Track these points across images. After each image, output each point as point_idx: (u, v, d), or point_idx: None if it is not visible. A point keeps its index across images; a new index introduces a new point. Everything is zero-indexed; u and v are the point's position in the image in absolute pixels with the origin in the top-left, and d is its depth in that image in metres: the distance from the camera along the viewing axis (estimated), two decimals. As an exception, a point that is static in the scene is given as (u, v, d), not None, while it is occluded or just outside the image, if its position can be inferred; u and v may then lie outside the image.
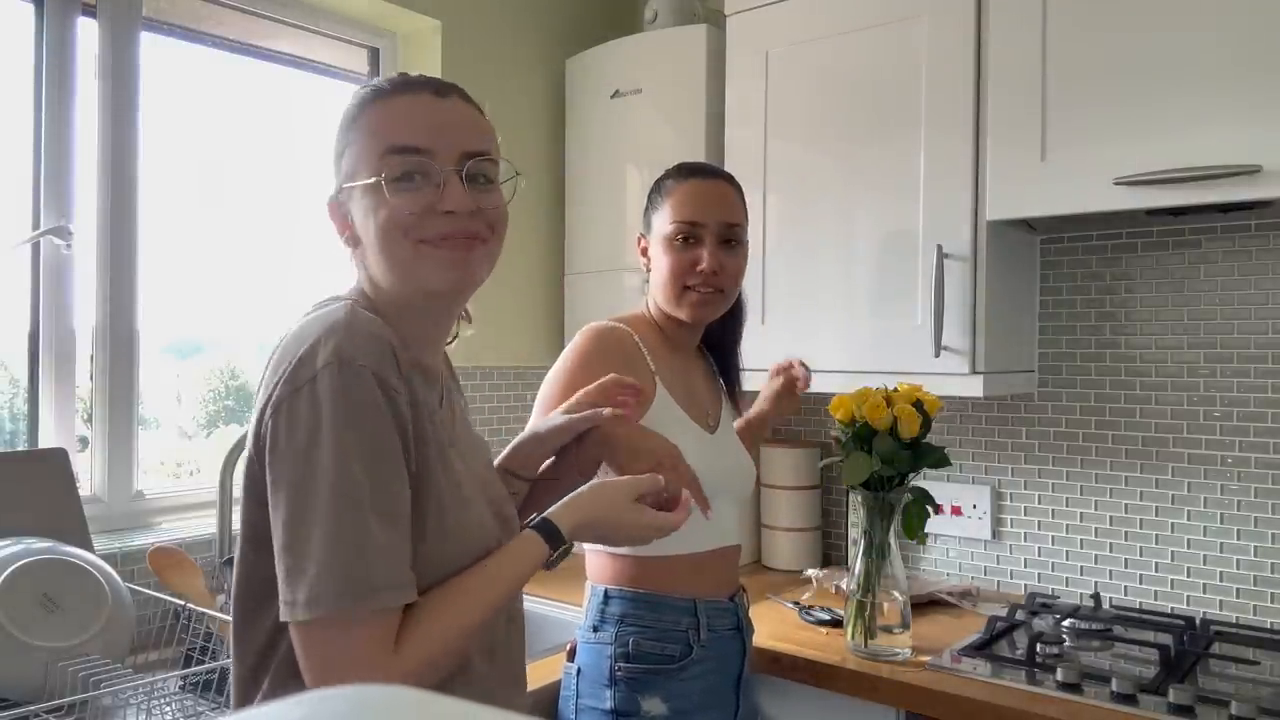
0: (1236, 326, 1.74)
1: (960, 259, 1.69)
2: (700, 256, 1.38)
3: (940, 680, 1.42)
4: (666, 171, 1.46)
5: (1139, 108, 1.50)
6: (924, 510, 1.53)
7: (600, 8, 2.48)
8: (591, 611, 1.37)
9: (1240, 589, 1.73)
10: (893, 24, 1.77)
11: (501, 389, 2.24)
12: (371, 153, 0.89)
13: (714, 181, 1.43)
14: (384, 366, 0.83)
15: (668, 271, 1.39)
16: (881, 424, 1.49)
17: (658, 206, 1.43)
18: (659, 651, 1.32)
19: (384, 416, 0.82)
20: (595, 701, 1.33)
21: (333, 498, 0.79)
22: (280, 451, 0.81)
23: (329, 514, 0.79)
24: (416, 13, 2.06)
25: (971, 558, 2.03)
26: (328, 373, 0.81)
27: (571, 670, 1.37)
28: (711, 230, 1.39)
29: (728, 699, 1.39)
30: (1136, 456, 1.84)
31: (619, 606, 1.34)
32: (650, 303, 1.47)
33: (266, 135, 1.99)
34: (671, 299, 1.41)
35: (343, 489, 0.79)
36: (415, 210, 0.88)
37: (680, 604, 1.35)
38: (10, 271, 1.61)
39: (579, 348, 1.36)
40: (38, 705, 1.15)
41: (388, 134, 0.90)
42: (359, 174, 0.90)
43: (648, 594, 1.34)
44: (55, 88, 1.63)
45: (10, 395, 1.66)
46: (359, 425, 0.81)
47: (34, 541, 1.32)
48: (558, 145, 2.35)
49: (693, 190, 1.40)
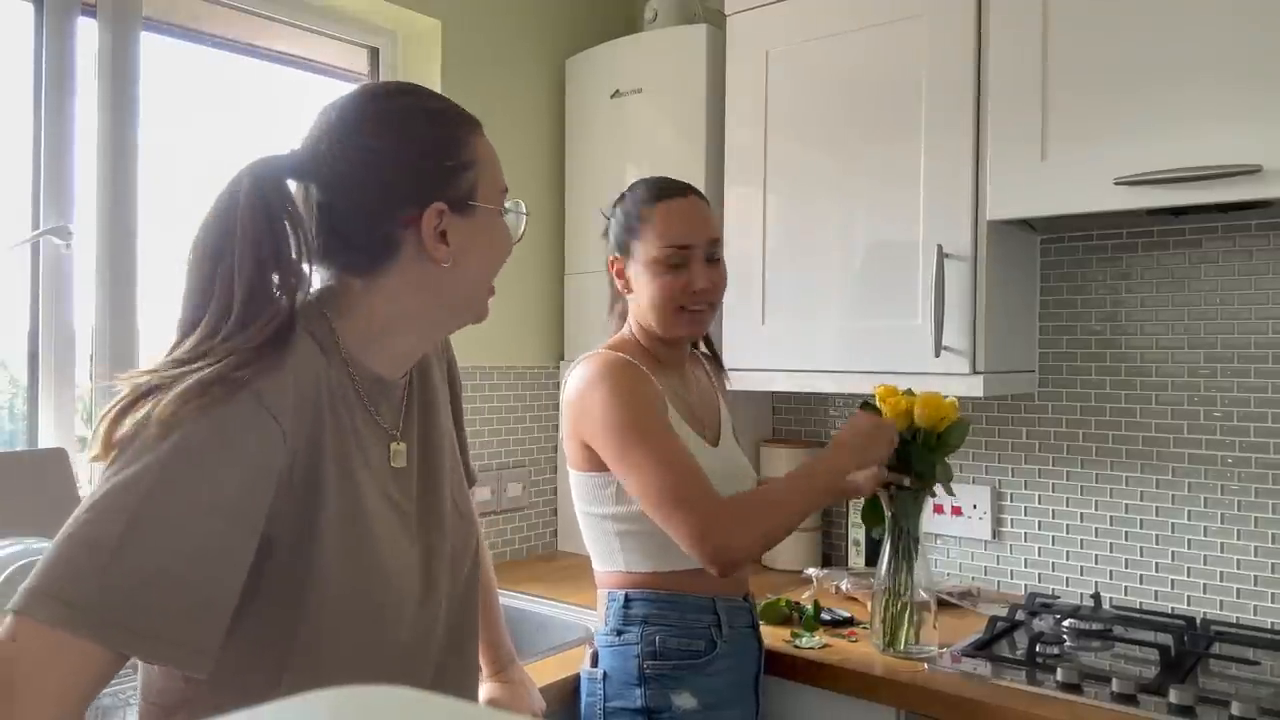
0: (1237, 326, 1.74)
1: (960, 259, 1.69)
2: (693, 277, 1.39)
3: (940, 680, 1.42)
4: (634, 193, 1.45)
5: (1139, 107, 1.50)
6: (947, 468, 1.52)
7: (600, 8, 2.48)
8: (612, 617, 1.39)
9: (1240, 589, 1.73)
10: (893, 24, 1.77)
11: (501, 389, 2.24)
12: (497, 184, 0.96)
13: (691, 200, 1.43)
14: (281, 408, 0.81)
15: (661, 295, 1.39)
16: (940, 425, 1.48)
17: (636, 232, 1.41)
18: (685, 647, 1.35)
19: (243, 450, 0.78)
20: (625, 702, 1.35)
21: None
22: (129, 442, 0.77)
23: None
24: (416, 13, 2.06)
25: (972, 558, 2.03)
26: (210, 384, 0.78)
27: (596, 675, 1.38)
28: (699, 250, 1.40)
29: (749, 697, 1.42)
30: (1137, 456, 1.84)
31: (642, 608, 1.37)
32: (632, 326, 1.46)
33: (267, 135, 1.99)
34: (665, 321, 1.41)
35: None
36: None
37: (701, 601, 1.38)
38: (10, 271, 1.61)
39: (614, 382, 1.34)
40: (37, 705, 1.14)
41: (499, 173, 0.97)
42: (492, 199, 0.95)
43: (669, 594, 1.37)
44: (55, 88, 1.63)
45: (10, 395, 1.66)
46: (202, 441, 0.76)
47: (34, 541, 1.31)
48: (558, 145, 2.35)
49: (673, 212, 1.40)
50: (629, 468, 1.30)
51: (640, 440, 1.30)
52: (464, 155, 0.92)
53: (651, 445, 1.30)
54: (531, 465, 2.29)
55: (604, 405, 1.32)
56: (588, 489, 1.41)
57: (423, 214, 0.89)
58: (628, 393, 1.33)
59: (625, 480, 1.32)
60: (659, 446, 1.30)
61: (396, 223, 0.89)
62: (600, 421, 1.32)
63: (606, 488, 1.38)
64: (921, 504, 1.53)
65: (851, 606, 1.78)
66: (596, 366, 1.37)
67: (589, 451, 1.37)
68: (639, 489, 1.30)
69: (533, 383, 2.31)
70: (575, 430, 1.38)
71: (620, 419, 1.31)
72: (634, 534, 1.38)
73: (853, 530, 2.15)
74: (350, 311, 0.92)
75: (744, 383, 1.98)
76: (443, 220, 0.90)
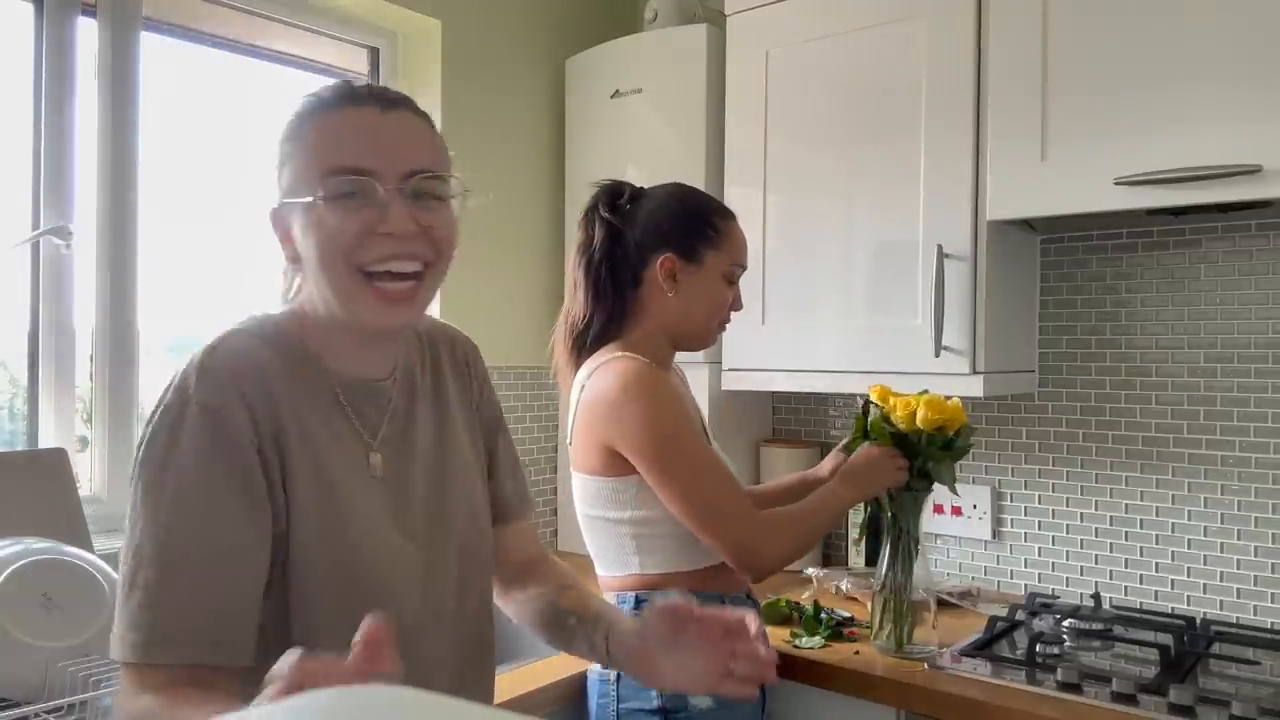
0: (1237, 326, 1.74)
1: (960, 259, 1.69)
2: (738, 297, 1.49)
3: (940, 680, 1.42)
4: (708, 203, 1.49)
5: (1139, 107, 1.50)
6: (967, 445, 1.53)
7: (600, 8, 2.48)
8: None
9: (1240, 589, 1.73)
10: (893, 24, 1.77)
11: (502, 389, 2.23)
12: (311, 171, 0.86)
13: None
14: (230, 407, 0.84)
15: (715, 306, 1.46)
16: (948, 427, 1.48)
17: (714, 242, 1.44)
18: None
19: (215, 460, 0.83)
20: (640, 703, 1.35)
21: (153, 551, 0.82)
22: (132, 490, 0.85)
23: (141, 567, 0.82)
24: (416, 13, 2.06)
25: (972, 558, 2.03)
26: (164, 416, 0.84)
27: (609, 676, 1.38)
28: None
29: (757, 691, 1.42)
30: (1137, 456, 1.84)
31: None
32: (653, 329, 1.45)
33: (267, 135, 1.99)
34: (709, 333, 1.48)
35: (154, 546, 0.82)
36: (355, 231, 0.84)
37: (710, 597, 1.38)
38: (10, 271, 1.61)
39: (652, 392, 1.35)
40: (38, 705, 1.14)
41: (328, 153, 0.86)
42: (298, 191, 0.87)
43: (677, 592, 1.37)
44: (55, 88, 1.63)
45: (10, 395, 1.66)
46: (179, 474, 0.82)
47: (34, 541, 1.31)
48: (558, 145, 2.35)
49: (741, 233, 1.49)
50: (669, 478, 1.33)
51: (681, 452, 1.34)
52: (287, 149, 0.91)
53: (691, 457, 1.35)
54: (532, 465, 2.29)
55: (643, 416, 1.33)
56: (602, 494, 1.40)
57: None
58: (666, 403, 1.35)
59: (662, 488, 1.34)
60: (699, 458, 1.35)
61: (274, 229, 0.94)
62: (639, 431, 1.33)
63: (624, 492, 1.38)
64: (922, 504, 1.53)
65: (851, 606, 1.78)
66: (629, 374, 1.36)
67: (611, 456, 1.37)
68: (677, 497, 1.33)
69: (533, 383, 2.31)
70: (601, 436, 1.37)
71: (662, 431, 1.33)
72: (651, 537, 1.38)
73: (853, 530, 2.15)
74: (308, 309, 0.93)
75: (744, 383, 1.98)
76: (283, 221, 0.91)
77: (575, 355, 1.48)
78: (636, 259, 1.44)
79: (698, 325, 1.46)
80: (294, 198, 0.87)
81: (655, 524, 1.37)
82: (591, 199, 1.49)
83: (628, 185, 1.49)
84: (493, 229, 2.18)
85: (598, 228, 1.46)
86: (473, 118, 2.15)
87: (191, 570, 0.81)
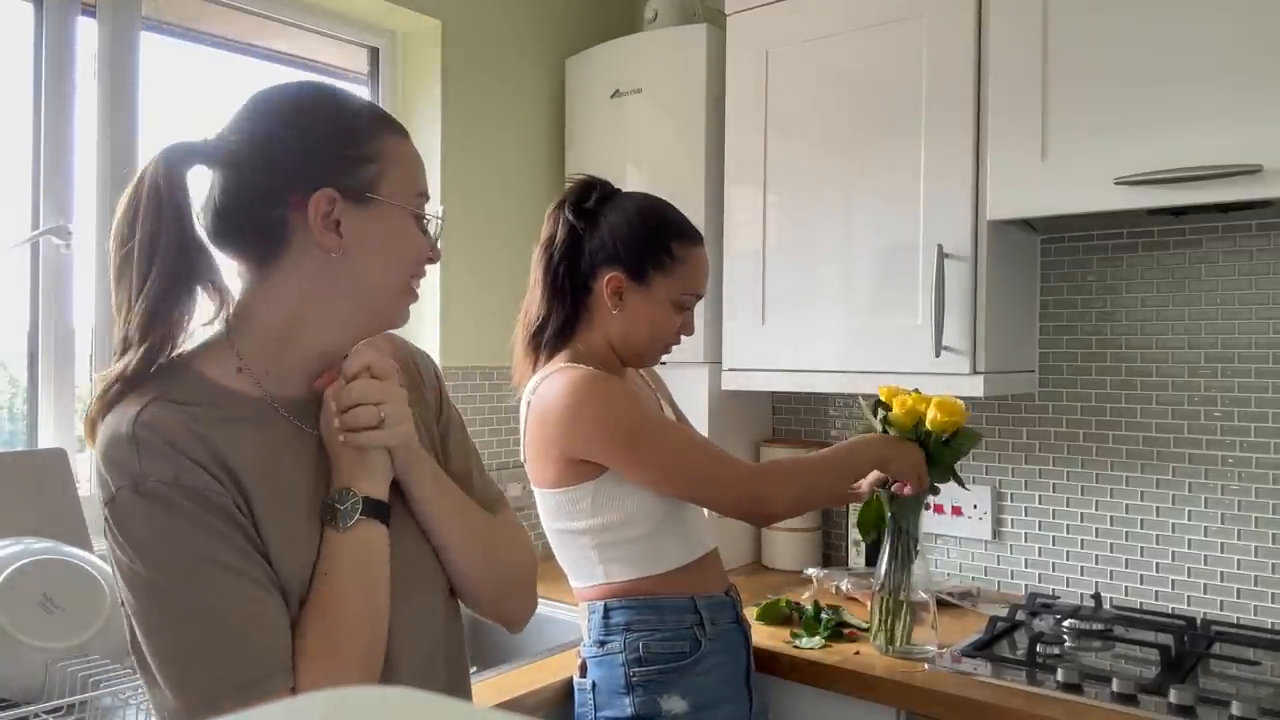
0: (1237, 326, 1.74)
1: (960, 259, 1.69)
2: (688, 323, 1.46)
3: (940, 680, 1.42)
4: (670, 226, 1.42)
5: (1139, 108, 1.50)
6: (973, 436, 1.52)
7: (600, 8, 2.48)
8: (594, 628, 1.39)
9: (1241, 589, 1.73)
10: (893, 24, 1.77)
11: (502, 389, 2.24)
12: (408, 187, 0.92)
13: (704, 249, 1.47)
14: (181, 471, 0.81)
15: (665, 333, 1.43)
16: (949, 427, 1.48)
17: (666, 268, 1.40)
18: (670, 650, 1.35)
19: (187, 522, 0.80)
20: (615, 711, 1.35)
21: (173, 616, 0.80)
22: (115, 561, 0.82)
23: (170, 631, 0.80)
24: (416, 13, 2.06)
25: (972, 558, 2.03)
26: (123, 496, 0.80)
27: (585, 685, 1.38)
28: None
29: (741, 692, 1.41)
30: (1137, 456, 1.84)
31: (622, 616, 1.36)
32: (599, 339, 1.43)
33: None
34: (642, 352, 1.45)
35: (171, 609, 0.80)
36: (426, 250, 0.94)
37: (681, 602, 1.37)
38: (10, 271, 1.61)
39: (603, 393, 1.33)
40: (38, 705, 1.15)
41: (415, 176, 0.93)
42: (397, 198, 0.91)
43: (648, 599, 1.37)
44: (55, 88, 1.63)
45: (10, 395, 1.66)
46: (158, 545, 0.80)
47: (34, 541, 1.32)
48: (558, 145, 2.35)
49: (702, 261, 1.46)
50: (647, 466, 1.33)
51: (651, 438, 1.33)
52: (368, 148, 0.89)
53: (662, 439, 1.34)
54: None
55: (599, 417, 1.32)
56: (560, 505, 1.38)
57: (309, 197, 0.86)
58: (618, 400, 1.33)
59: (645, 477, 1.33)
60: (670, 438, 1.35)
61: (285, 205, 0.87)
62: (601, 433, 1.32)
63: (580, 501, 1.36)
64: (922, 505, 1.53)
65: (851, 606, 1.78)
66: (574, 382, 1.33)
67: (566, 466, 1.35)
68: (664, 481, 1.34)
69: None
70: (561, 448, 1.34)
71: (624, 426, 1.32)
72: (613, 544, 1.37)
73: (852, 530, 2.14)
74: (248, 326, 0.90)
75: (744, 383, 1.98)
76: (335, 209, 0.87)
77: (533, 355, 1.44)
78: (588, 268, 1.42)
79: (639, 346, 1.43)
80: (393, 201, 0.90)
81: (615, 529, 1.36)
82: (562, 194, 1.47)
83: (599, 184, 1.45)
84: (492, 229, 2.18)
85: (560, 225, 1.43)
86: (472, 117, 2.15)
87: (230, 646, 0.79)
